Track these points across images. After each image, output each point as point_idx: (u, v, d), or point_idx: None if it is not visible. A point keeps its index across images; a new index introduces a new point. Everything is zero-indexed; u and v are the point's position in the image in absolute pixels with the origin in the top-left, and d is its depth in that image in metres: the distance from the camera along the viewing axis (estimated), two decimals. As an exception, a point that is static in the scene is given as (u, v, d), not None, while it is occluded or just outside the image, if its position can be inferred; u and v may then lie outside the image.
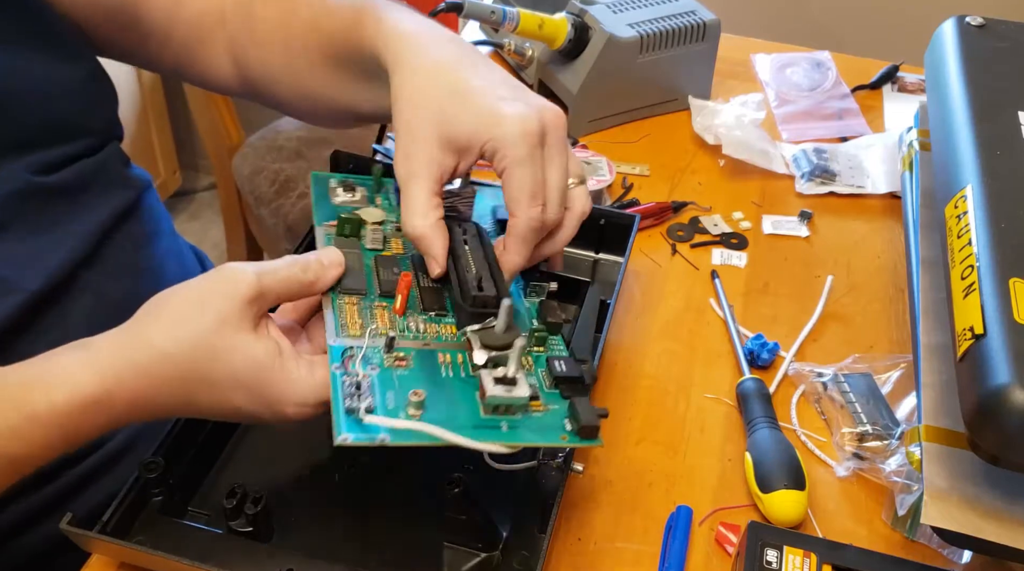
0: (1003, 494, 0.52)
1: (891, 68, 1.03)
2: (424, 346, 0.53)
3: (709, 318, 0.74)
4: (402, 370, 0.51)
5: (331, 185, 0.64)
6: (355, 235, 0.59)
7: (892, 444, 0.62)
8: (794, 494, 0.58)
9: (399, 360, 0.51)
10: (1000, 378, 0.47)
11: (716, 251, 0.80)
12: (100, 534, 0.50)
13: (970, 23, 0.74)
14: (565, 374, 0.52)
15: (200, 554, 0.49)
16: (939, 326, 0.62)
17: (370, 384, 0.49)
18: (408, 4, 0.62)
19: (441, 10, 0.89)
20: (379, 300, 0.55)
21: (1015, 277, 0.52)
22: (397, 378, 0.50)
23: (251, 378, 0.48)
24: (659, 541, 0.58)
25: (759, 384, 0.66)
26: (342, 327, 0.52)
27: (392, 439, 0.46)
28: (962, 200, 0.59)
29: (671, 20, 0.91)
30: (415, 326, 0.54)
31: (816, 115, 0.97)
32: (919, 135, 0.80)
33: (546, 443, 0.50)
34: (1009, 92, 0.67)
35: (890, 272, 0.79)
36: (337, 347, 0.51)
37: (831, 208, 0.85)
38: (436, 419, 0.47)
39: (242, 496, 0.53)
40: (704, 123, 0.90)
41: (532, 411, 0.51)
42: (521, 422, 0.50)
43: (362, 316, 0.54)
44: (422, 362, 0.52)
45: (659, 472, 0.62)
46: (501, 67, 0.58)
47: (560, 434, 0.50)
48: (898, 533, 0.59)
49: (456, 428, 0.47)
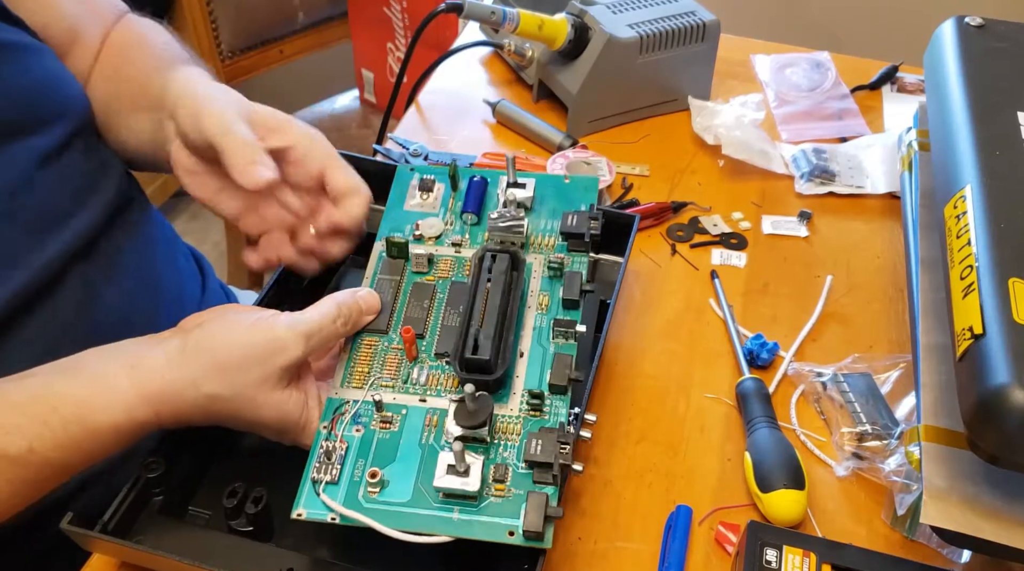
0: (1002, 494, 0.52)
1: (890, 68, 1.03)
2: (420, 403, 0.55)
3: (709, 318, 0.74)
4: (384, 434, 0.54)
5: (412, 182, 0.67)
6: (402, 257, 0.62)
7: (891, 444, 0.62)
8: (793, 494, 0.58)
9: (384, 423, 0.54)
10: (1000, 378, 0.47)
11: (716, 251, 0.80)
12: (101, 534, 0.50)
13: (969, 23, 0.74)
14: (537, 459, 0.50)
15: (200, 554, 0.50)
16: (938, 326, 0.62)
17: (342, 454, 0.52)
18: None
19: (441, 11, 0.89)
20: (397, 342, 0.58)
21: (1014, 277, 0.52)
22: (376, 443, 0.53)
23: (279, 424, 0.54)
24: (659, 541, 0.58)
25: (759, 384, 0.66)
26: (349, 376, 0.57)
27: (340, 520, 0.50)
28: (961, 200, 0.59)
29: (671, 20, 0.91)
30: (420, 376, 0.56)
31: (815, 115, 0.97)
32: (918, 135, 0.80)
33: (491, 539, 0.49)
34: (1009, 92, 0.67)
35: (890, 272, 0.79)
36: (333, 401, 0.55)
37: (831, 208, 0.85)
38: (394, 495, 0.51)
39: (242, 496, 0.53)
40: (704, 123, 0.90)
41: (492, 496, 0.50)
42: (476, 509, 0.50)
43: (374, 359, 0.57)
44: (409, 425, 0.54)
45: (659, 472, 0.62)
46: None
47: (508, 530, 0.49)
48: (897, 533, 0.59)
49: (411, 508, 0.50)
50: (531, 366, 0.56)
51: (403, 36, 1.59)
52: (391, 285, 0.61)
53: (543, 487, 0.50)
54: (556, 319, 0.57)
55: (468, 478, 0.49)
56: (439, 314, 0.59)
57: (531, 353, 0.57)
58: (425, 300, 0.59)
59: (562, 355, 0.55)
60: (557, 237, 0.62)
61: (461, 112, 0.96)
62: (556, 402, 0.54)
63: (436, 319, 0.59)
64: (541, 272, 0.61)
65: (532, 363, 0.56)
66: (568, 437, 0.51)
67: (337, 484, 0.51)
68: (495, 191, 0.66)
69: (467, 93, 0.98)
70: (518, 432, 0.53)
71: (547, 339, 0.57)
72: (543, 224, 0.64)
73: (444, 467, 0.50)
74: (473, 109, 0.96)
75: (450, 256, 0.63)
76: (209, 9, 1.45)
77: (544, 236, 0.63)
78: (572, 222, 0.61)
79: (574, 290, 0.58)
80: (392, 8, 1.57)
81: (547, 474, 0.50)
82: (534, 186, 0.64)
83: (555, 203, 0.65)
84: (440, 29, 1.14)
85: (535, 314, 0.58)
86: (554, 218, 0.64)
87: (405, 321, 0.58)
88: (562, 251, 0.62)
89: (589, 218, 0.61)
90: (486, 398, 0.52)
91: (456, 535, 0.49)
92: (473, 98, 0.97)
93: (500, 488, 0.50)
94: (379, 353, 0.57)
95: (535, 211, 0.64)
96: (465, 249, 0.63)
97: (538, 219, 0.64)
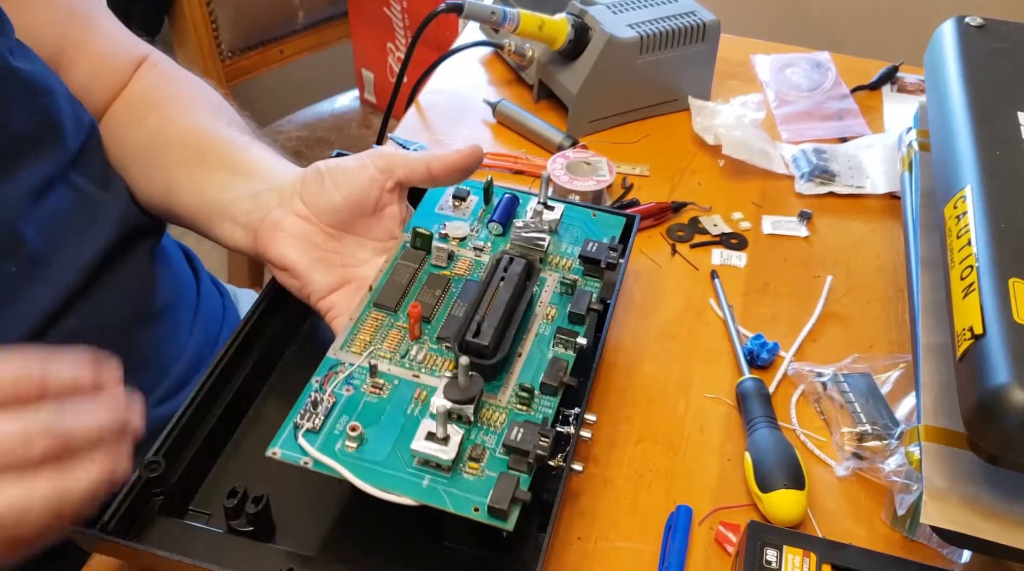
0: (1002, 494, 0.52)
1: (890, 69, 1.03)
2: (413, 378, 0.55)
3: (709, 318, 0.74)
4: (372, 398, 0.54)
5: (447, 190, 0.68)
6: (424, 249, 0.63)
7: (891, 444, 0.62)
8: (794, 494, 0.58)
9: (375, 388, 0.54)
10: (1000, 378, 0.47)
11: (716, 251, 0.80)
12: (101, 533, 0.50)
13: (969, 23, 0.74)
14: (515, 444, 0.51)
15: (200, 554, 0.50)
16: (939, 326, 0.62)
17: (328, 407, 0.53)
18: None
19: (441, 11, 0.89)
20: (403, 321, 0.59)
21: (1014, 277, 0.52)
22: (363, 404, 0.54)
23: None
24: (659, 541, 0.58)
25: (759, 384, 0.66)
26: (350, 341, 0.57)
27: (312, 466, 0.50)
28: (961, 200, 0.59)
29: (671, 21, 0.91)
30: (418, 355, 0.57)
31: (816, 115, 0.97)
32: (918, 135, 0.80)
33: (455, 511, 0.49)
34: (1009, 92, 0.67)
35: (890, 272, 0.79)
36: (329, 360, 0.56)
37: (831, 208, 0.85)
38: (370, 453, 0.51)
39: (242, 496, 0.53)
40: (704, 123, 0.90)
41: (465, 473, 0.50)
42: (446, 481, 0.50)
43: (377, 332, 0.58)
44: (398, 394, 0.54)
45: (659, 472, 0.62)
46: None
47: (474, 505, 0.49)
48: (897, 533, 0.59)
49: (384, 468, 0.50)
50: (527, 366, 0.56)
51: (403, 36, 1.59)
52: (408, 270, 0.62)
53: (517, 474, 0.50)
54: (560, 328, 0.58)
55: (445, 447, 0.50)
56: (448, 305, 0.60)
57: (529, 355, 0.57)
58: (438, 290, 0.60)
59: (558, 359, 0.56)
60: (575, 261, 0.64)
61: (461, 112, 0.96)
62: (545, 401, 0.54)
63: (444, 309, 0.60)
64: (553, 288, 0.62)
65: (528, 364, 0.56)
66: (549, 432, 0.51)
67: (317, 433, 0.52)
68: (524, 210, 0.68)
69: (467, 93, 0.98)
70: (502, 422, 0.53)
71: (547, 345, 0.58)
72: (564, 247, 0.65)
73: (424, 433, 0.50)
74: (473, 109, 0.96)
75: (470, 257, 0.64)
76: (209, 9, 1.45)
77: (563, 258, 0.64)
78: (592, 249, 0.63)
79: (582, 306, 0.59)
80: (392, 8, 1.57)
81: (522, 462, 0.50)
82: (563, 211, 0.67)
83: (579, 232, 0.67)
84: (440, 29, 1.14)
85: (540, 323, 0.59)
86: (575, 244, 0.65)
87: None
88: (578, 273, 0.63)
89: (609, 248, 0.63)
90: (477, 378, 0.53)
91: (422, 501, 0.49)
92: (473, 98, 0.97)
93: (474, 467, 0.51)
94: (383, 328, 0.58)
95: (559, 234, 0.66)
96: (485, 254, 0.64)
97: (560, 242, 0.66)
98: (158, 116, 0.72)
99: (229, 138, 0.69)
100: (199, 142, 0.69)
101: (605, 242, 0.64)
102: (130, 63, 0.75)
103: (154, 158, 0.70)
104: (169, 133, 0.70)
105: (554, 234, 0.66)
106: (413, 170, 0.63)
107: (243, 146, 0.69)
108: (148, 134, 0.71)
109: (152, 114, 0.72)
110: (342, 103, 1.71)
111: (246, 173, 0.66)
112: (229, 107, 0.75)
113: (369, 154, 0.63)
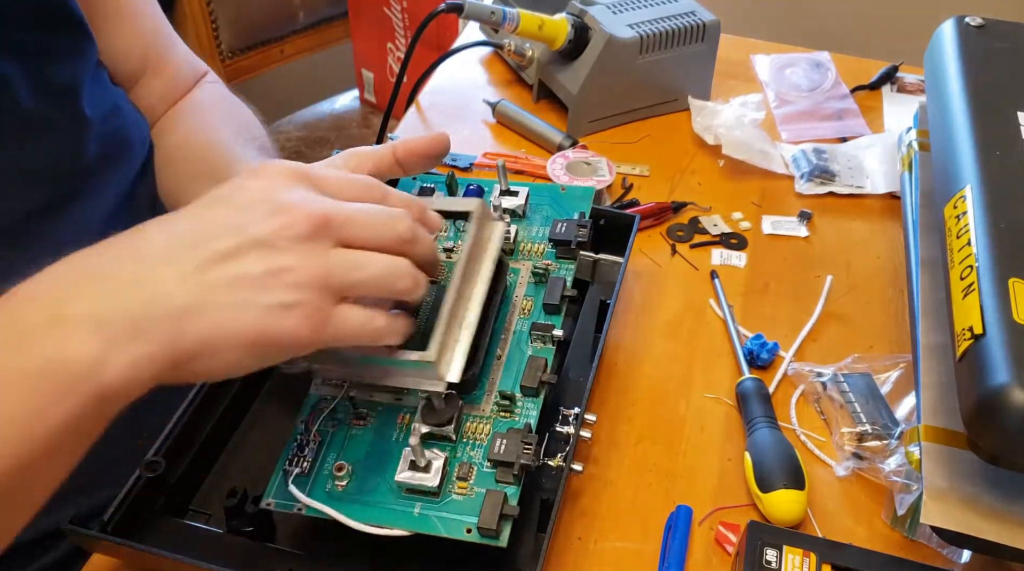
0: (1002, 494, 0.52)
1: (890, 68, 1.03)
2: (396, 402, 0.55)
3: (709, 318, 0.74)
4: (357, 430, 0.54)
5: (413, 191, 0.67)
6: None
7: (891, 444, 0.62)
8: (793, 494, 0.58)
9: (358, 420, 0.55)
10: (999, 378, 0.47)
11: (716, 251, 0.80)
12: (101, 534, 0.50)
13: (969, 23, 0.74)
14: (499, 458, 0.50)
15: (200, 554, 0.50)
16: (938, 326, 0.62)
17: (315, 448, 0.53)
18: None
19: (441, 11, 0.89)
20: None
21: (1014, 277, 0.52)
22: (349, 438, 0.54)
23: None
24: (659, 541, 0.58)
25: (759, 384, 0.66)
26: None
27: (306, 512, 0.51)
28: (961, 200, 0.59)
29: (671, 21, 0.91)
30: None
31: (815, 115, 0.97)
32: (918, 135, 0.80)
33: (448, 535, 0.49)
34: (1009, 92, 0.67)
35: (890, 272, 0.79)
36: (314, 395, 0.56)
37: (831, 208, 0.85)
38: (360, 489, 0.52)
39: (242, 496, 0.53)
40: (704, 123, 0.90)
41: (455, 494, 0.50)
42: (437, 505, 0.50)
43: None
44: (381, 422, 0.54)
45: (659, 472, 0.62)
46: None
47: (466, 527, 0.49)
48: (897, 533, 0.59)
49: (375, 501, 0.51)
50: (507, 368, 0.56)
51: (403, 36, 1.59)
52: None
53: (505, 486, 0.50)
54: (534, 323, 0.57)
55: (427, 474, 0.50)
56: (422, 315, 0.58)
57: (509, 356, 0.56)
58: None
59: (535, 358, 0.55)
60: (547, 244, 0.62)
61: (461, 112, 0.96)
62: (527, 404, 0.54)
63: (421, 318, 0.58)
64: (527, 278, 0.61)
65: (509, 366, 0.56)
66: (532, 438, 0.51)
67: (308, 476, 0.52)
68: (490, 199, 0.66)
69: (467, 93, 0.98)
70: (487, 432, 0.53)
71: (526, 343, 0.57)
72: (535, 231, 0.63)
73: (407, 463, 0.51)
74: (473, 109, 0.96)
75: (441, 261, 0.62)
76: (209, 9, 1.45)
77: (534, 243, 0.63)
78: (561, 229, 0.61)
79: (555, 295, 0.58)
80: (392, 8, 1.57)
81: (509, 473, 0.50)
82: (527, 194, 0.64)
83: (550, 211, 0.65)
84: (440, 29, 1.14)
85: (517, 318, 0.58)
86: (547, 226, 0.63)
87: None
88: (550, 257, 0.62)
89: (578, 226, 0.61)
90: (453, 397, 0.52)
91: (415, 530, 0.49)
92: (473, 98, 0.97)
93: (463, 486, 0.50)
94: None
95: (528, 219, 0.64)
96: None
97: (531, 226, 0.64)
98: (186, 127, 0.75)
99: (241, 157, 0.70)
100: (213, 158, 0.70)
101: (574, 219, 0.62)
102: (194, 81, 0.80)
103: (171, 167, 0.73)
104: (189, 145, 0.73)
105: (523, 219, 0.64)
106: (383, 160, 0.61)
107: (248, 162, 0.69)
108: (175, 142, 0.75)
109: (182, 124, 0.76)
110: (342, 103, 1.71)
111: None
112: (261, 129, 0.78)
113: (341, 156, 0.62)
